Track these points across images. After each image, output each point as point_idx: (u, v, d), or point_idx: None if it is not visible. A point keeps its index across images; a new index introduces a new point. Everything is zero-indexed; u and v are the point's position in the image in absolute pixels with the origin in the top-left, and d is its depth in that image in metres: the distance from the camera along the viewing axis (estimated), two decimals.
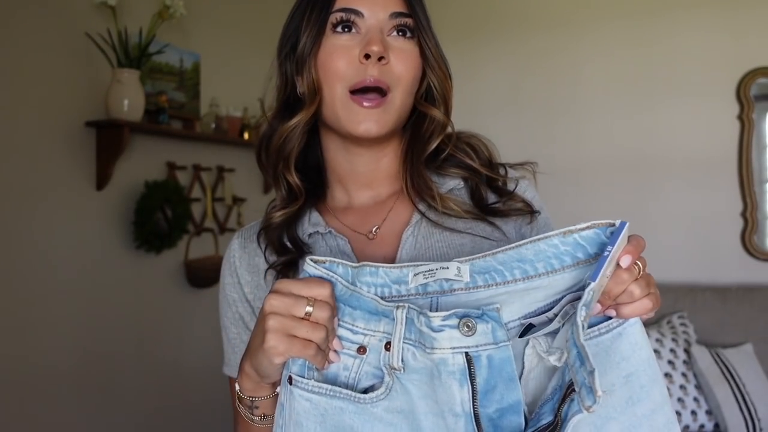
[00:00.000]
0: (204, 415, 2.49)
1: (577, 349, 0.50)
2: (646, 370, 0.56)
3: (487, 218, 0.76)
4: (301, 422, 0.58)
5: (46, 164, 1.93)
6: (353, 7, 0.71)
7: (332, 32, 0.71)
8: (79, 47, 2.02)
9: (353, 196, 0.80)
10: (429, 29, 0.74)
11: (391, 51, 0.71)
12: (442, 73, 0.75)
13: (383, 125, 0.71)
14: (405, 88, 0.72)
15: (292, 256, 0.75)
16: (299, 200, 0.78)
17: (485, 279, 0.58)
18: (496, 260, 0.58)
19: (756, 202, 2.63)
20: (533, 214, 0.77)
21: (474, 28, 3.03)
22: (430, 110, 0.76)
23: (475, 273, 0.59)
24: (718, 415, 2.13)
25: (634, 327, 0.56)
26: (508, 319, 0.58)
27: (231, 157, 2.67)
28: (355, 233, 0.77)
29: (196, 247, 2.48)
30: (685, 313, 2.47)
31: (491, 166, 0.79)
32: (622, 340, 0.56)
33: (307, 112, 0.73)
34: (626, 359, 0.55)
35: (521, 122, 2.99)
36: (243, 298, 0.80)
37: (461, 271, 0.58)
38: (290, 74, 0.75)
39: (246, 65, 2.71)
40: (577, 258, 0.56)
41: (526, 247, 0.57)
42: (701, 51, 2.70)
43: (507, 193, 0.77)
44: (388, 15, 0.71)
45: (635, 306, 0.56)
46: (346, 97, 0.71)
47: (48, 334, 1.94)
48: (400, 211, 0.78)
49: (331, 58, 0.71)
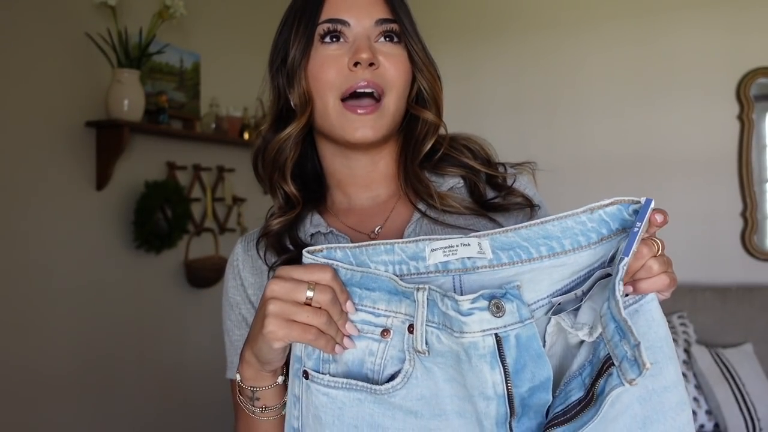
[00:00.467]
0: (204, 415, 2.49)
1: (615, 323, 0.50)
2: (663, 347, 0.55)
3: (487, 214, 0.76)
4: (320, 416, 0.58)
5: (46, 164, 1.94)
6: (339, 17, 0.72)
7: (320, 43, 0.72)
8: (79, 47, 2.02)
9: (353, 199, 0.81)
10: (415, 33, 0.75)
11: (380, 56, 0.72)
12: (431, 75, 0.76)
13: (378, 130, 0.72)
14: (398, 91, 0.73)
15: (294, 254, 0.75)
16: (296, 209, 0.78)
17: (510, 256, 0.57)
18: (520, 236, 0.57)
19: (756, 202, 2.63)
20: (533, 208, 0.77)
21: (474, 28, 3.03)
22: (422, 113, 0.77)
23: (498, 249, 0.57)
24: (718, 415, 2.13)
25: (651, 304, 0.56)
26: (538, 298, 0.57)
27: (231, 157, 2.67)
28: (357, 233, 0.78)
29: (196, 247, 2.48)
30: (685, 313, 2.47)
31: (489, 165, 0.80)
32: (639, 316, 0.55)
33: (299, 122, 0.74)
34: (642, 336, 0.54)
35: (521, 122, 2.99)
36: (246, 299, 0.81)
37: (482, 247, 0.57)
38: (282, 87, 0.76)
39: (246, 65, 2.71)
40: (602, 234, 0.56)
41: (552, 224, 0.56)
42: (701, 51, 2.70)
43: (506, 188, 0.78)
44: (373, 22, 0.72)
45: (653, 281, 0.56)
46: (339, 106, 0.72)
47: (48, 334, 1.94)
48: (401, 211, 0.79)
49: (321, 68, 0.72)
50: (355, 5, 0.72)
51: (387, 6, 0.73)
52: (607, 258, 0.57)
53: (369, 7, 0.72)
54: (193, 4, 2.38)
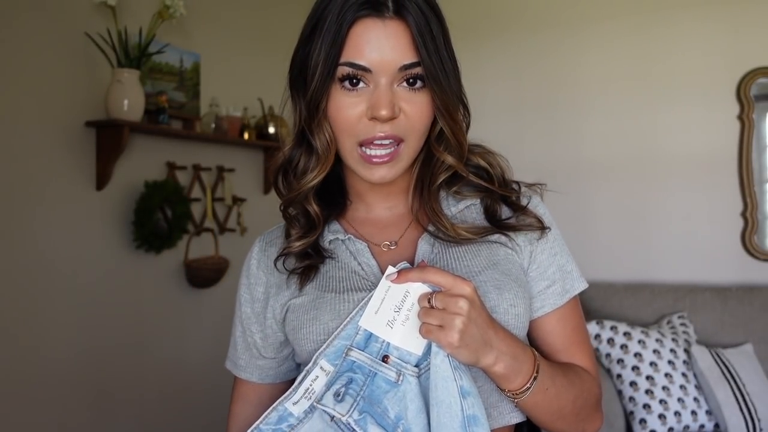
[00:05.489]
0: (204, 414, 2.49)
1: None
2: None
3: (500, 231, 0.78)
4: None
5: (46, 164, 1.93)
6: (361, 63, 0.68)
7: (341, 86, 0.70)
8: (79, 47, 2.02)
9: (373, 208, 0.83)
10: (443, 72, 0.71)
11: (401, 102, 0.70)
12: (453, 121, 0.73)
13: (396, 172, 0.73)
14: (417, 136, 0.73)
15: (314, 261, 0.77)
16: (317, 229, 0.79)
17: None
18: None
19: (756, 202, 2.63)
20: (543, 230, 0.79)
21: (473, 28, 3.03)
22: (443, 155, 0.76)
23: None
24: (718, 415, 2.13)
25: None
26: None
27: (231, 157, 2.67)
28: (372, 244, 0.80)
29: (196, 247, 2.48)
30: (685, 313, 2.47)
31: (503, 182, 0.80)
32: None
33: (323, 169, 0.75)
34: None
35: (520, 122, 2.99)
36: (256, 298, 0.83)
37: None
38: (303, 114, 0.74)
39: (246, 65, 2.71)
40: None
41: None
42: (701, 51, 2.70)
43: (520, 208, 0.79)
44: (397, 69, 0.69)
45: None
46: (356, 153, 0.72)
47: (48, 334, 1.94)
48: (417, 224, 0.81)
49: (340, 114, 0.71)
50: (378, 46, 0.68)
51: (413, 47, 0.69)
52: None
53: (394, 50, 0.68)
54: (193, 4, 2.38)
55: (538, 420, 0.73)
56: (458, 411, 0.62)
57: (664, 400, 2.15)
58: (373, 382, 0.65)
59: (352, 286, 0.75)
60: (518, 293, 0.74)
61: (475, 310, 0.63)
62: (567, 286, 0.80)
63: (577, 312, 0.82)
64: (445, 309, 0.63)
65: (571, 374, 0.76)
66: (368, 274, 0.76)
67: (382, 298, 0.67)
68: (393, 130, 0.70)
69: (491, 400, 0.73)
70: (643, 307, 2.54)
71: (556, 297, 0.79)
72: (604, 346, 2.31)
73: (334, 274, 0.77)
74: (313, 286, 0.77)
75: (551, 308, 0.79)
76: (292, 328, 0.76)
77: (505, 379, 0.67)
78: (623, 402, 2.22)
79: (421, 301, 0.66)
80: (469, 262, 0.75)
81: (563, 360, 0.79)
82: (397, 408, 0.64)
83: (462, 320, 0.62)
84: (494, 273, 0.74)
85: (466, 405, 0.62)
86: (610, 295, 2.60)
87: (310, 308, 0.75)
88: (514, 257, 0.78)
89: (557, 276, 0.79)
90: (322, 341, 0.71)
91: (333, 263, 0.78)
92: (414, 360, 0.66)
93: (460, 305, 0.62)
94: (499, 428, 0.74)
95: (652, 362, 2.21)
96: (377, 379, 0.65)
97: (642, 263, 2.76)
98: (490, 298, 0.72)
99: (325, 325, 0.72)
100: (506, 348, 0.66)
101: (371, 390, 0.65)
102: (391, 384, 0.65)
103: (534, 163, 2.84)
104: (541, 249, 0.79)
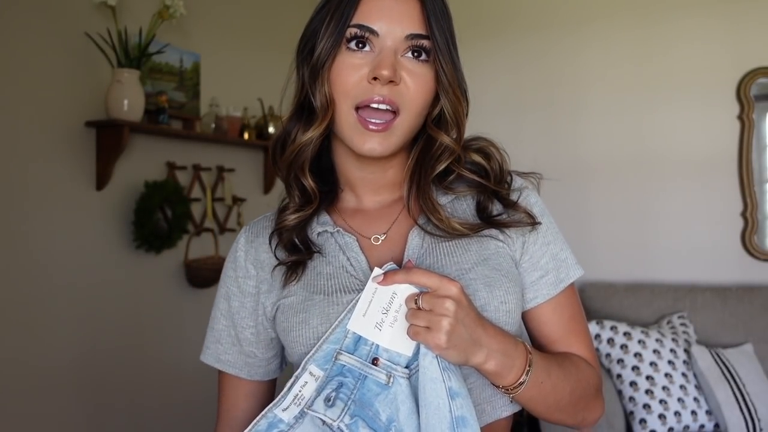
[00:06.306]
0: (204, 414, 2.49)
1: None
2: None
3: (491, 227, 0.77)
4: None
5: (46, 164, 1.93)
6: (369, 24, 0.69)
7: (346, 47, 0.71)
8: (79, 47, 2.02)
9: (363, 200, 0.82)
10: (448, 51, 0.72)
11: (403, 72, 0.70)
12: (456, 98, 0.74)
13: (387, 147, 0.72)
14: (414, 110, 0.72)
15: (301, 256, 0.77)
16: (313, 203, 0.79)
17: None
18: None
19: (756, 202, 2.63)
20: (534, 225, 0.78)
21: (473, 28, 3.03)
22: (440, 135, 0.76)
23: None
24: (718, 415, 2.13)
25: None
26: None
27: (231, 157, 2.67)
28: (361, 236, 0.79)
29: (196, 247, 2.48)
30: (685, 313, 2.47)
31: (500, 178, 0.80)
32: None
33: (320, 126, 0.74)
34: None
35: (519, 122, 2.99)
36: (244, 291, 0.82)
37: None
38: (306, 80, 0.74)
39: (246, 65, 2.71)
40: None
41: None
42: (701, 51, 2.70)
43: (511, 204, 0.78)
44: (404, 35, 0.70)
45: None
46: (352, 116, 0.71)
47: (48, 334, 1.94)
48: (407, 216, 0.80)
49: (340, 75, 0.71)
50: (388, 14, 0.69)
51: (422, 19, 0.70)
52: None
53: (402, 19, 0.70)
54: (193, 4, 2.38)
55: (536, 412, 0.73)
56: (447, 412, 0.62)
57: (664, 400, 2.15)
58: (363, 385, 0.65)
59: (340, 286, 0.74)
60: (509, 289, 0.74)
61: (462, 310, 0.63)
62: (561, 275, 0.79)
63: (574, 301, 0.81)
64: (432, 310, 0.63)
65: (568, 365, 0.75)
66: (357, 270, 0.75)
67: (369, 301, 0.67)
68: (391, 95, 0.69)
69: (485, 395, 0.73)
70: (643, 307, 2.54)
71: (550, 287, 0.78)
72: (604, 346, 2.31)
73: (322, 270, 0.76)
74: (302, 284, 0.76)
75: (544, 299, 0.78)
76: (282, 329, 0.76)
77: (498, 376, 0.67)
78: (623, 402, 2.22)
79: (408, 302, 0.65)
80: (459, 258, 0.75)
81: (561, 350, 0.79)
82: (389, 410, 0.64)
83: (449, 321, 0.62)
84: (484, 269, 0.74)
85: (455, 406, 0.62)
86: (610, 295, 2.60)
87: (300, 310, 0.74)
88: (505, 249, 0.77)
89: (551, 266, 0.79)
90: (312, 345, 0.71)
91: (321, 259, 0.77)
92: (404, 361, 0.66)
93: (447, 306, 0.62)
94: (494, 421, 0.74)
95: (652, 362, 2.21)
96: (368, 382, 0.65)
97: (642, 263, 2.76)
98: (480, 296, 0.72)
99: (314, 329, 0.72)
100: (496, 345, 0.66)
101: (362, 393, 0.65)
102: (381, 386, 0.65)
103: (533, 163, 2.80)
104: (533, 240, 0.79)
